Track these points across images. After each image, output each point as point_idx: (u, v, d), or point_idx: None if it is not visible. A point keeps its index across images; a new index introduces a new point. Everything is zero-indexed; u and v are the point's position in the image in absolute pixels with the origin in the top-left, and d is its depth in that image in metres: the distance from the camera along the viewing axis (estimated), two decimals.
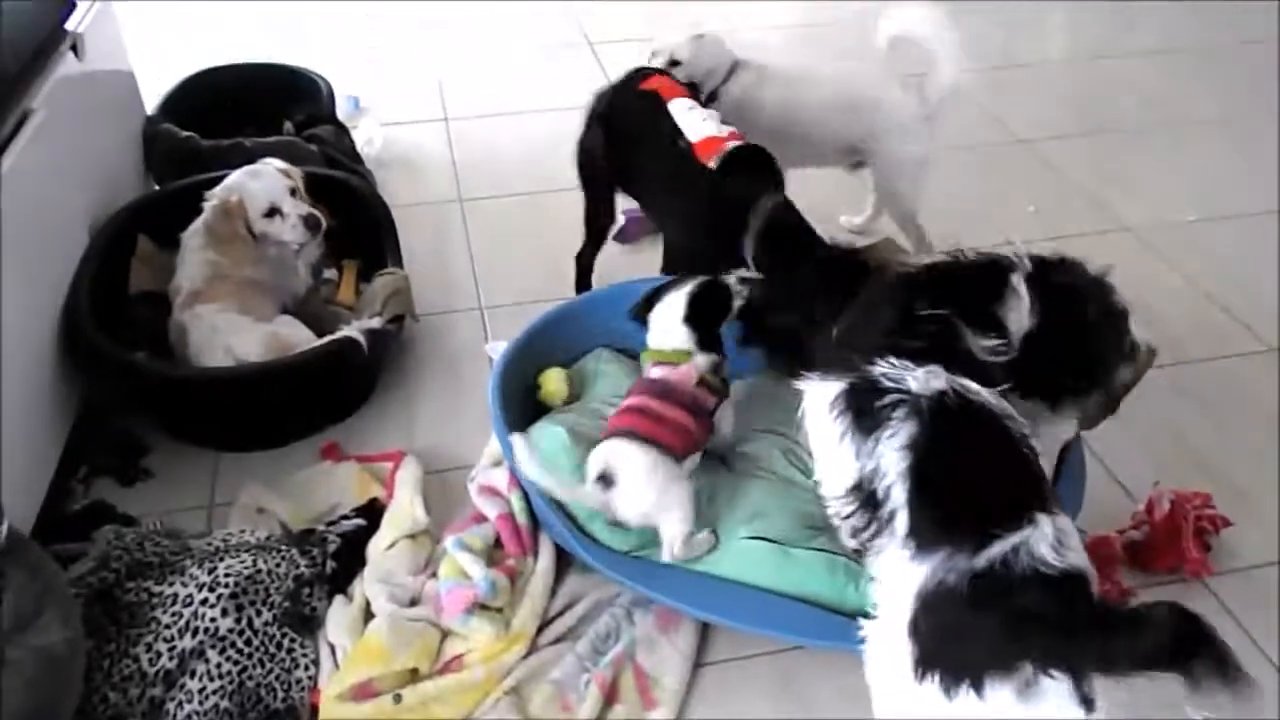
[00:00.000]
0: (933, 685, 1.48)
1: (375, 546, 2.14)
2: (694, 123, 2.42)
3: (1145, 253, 3.14)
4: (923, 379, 1.61)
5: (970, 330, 1.72)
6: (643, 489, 1.98)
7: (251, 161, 2.68)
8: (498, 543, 2.16)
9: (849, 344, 1.80)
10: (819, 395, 1.76)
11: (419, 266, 2.93)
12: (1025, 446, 1.60)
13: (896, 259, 2.43)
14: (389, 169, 3.53)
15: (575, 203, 3.33)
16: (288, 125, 3.28)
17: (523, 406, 2.38)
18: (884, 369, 1.64)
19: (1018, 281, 1.82)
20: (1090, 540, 2.10)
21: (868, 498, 1.64)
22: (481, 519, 2.20)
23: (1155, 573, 2.14)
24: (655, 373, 2.14)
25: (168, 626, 1.88)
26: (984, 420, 1.60)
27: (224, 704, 1.82)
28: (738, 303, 2.20)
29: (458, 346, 2.79)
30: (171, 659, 1.85)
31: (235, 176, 2.61)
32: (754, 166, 2.36)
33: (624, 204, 3.24)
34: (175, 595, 1.92)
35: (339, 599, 2.05)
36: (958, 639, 1.48)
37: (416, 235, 3.08)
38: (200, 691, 1.83)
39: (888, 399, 1.61)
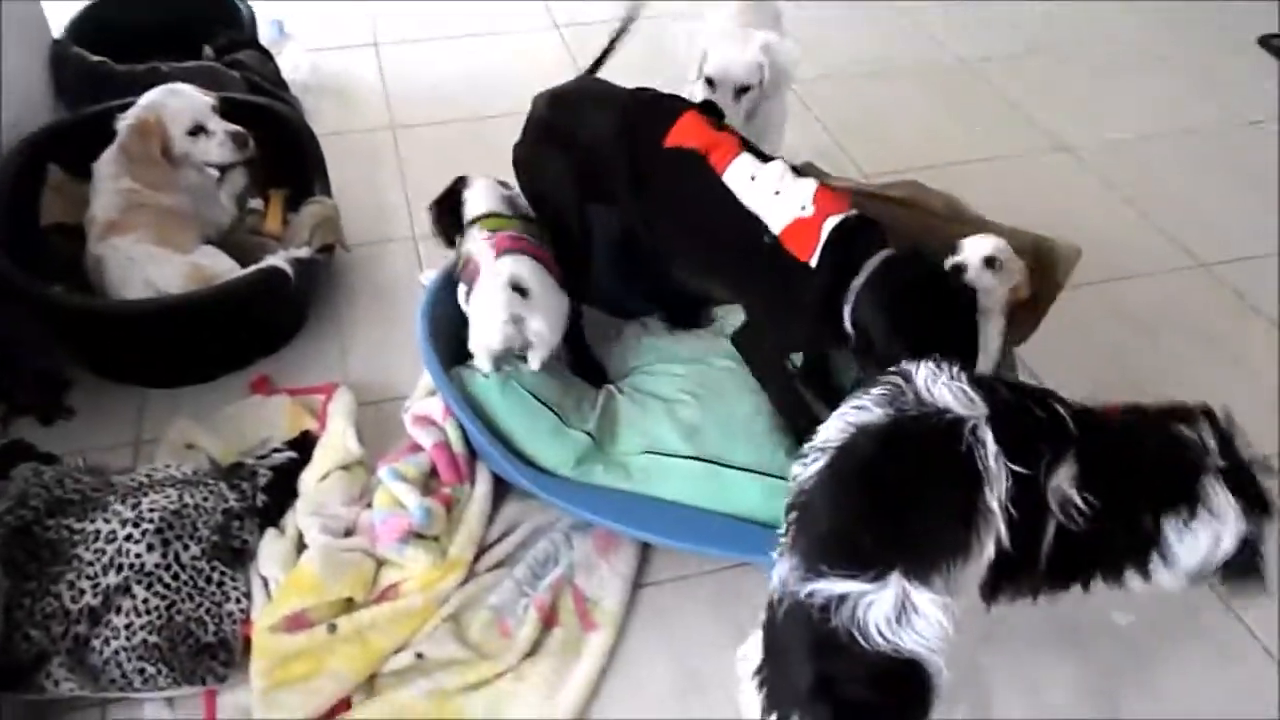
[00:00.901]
0: (760, 698, 1.41)
1: (308, 479, 2.10)
2: (769, 203, 1.89)
3: (1082, 172, 3.15)
4: (933, 383, 1.41)
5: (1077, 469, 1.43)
6: (553, 298, 2.06)
7: None
8: (434, 472, 2.13)
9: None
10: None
11: (350, 195, 2.85)
12: (977, 514, 1.35)
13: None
14: (317, 96, 3.41)
15: (511, 128, 3.26)
16: (207, 50, 3.15)
17: (457, 337, 2.33)
18: (922, 369, 1.45)
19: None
20: None
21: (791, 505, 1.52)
22: (416, 449, 2.17)
23: None
24: (483, 237, 2.15)
25: (90, 563, 1.83)
26: (955, 460, 1.36)
27: (152, 638, 1.78)
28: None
29: (391, 276, 2.73)
30: (95, 595, 1.80)
31: (152, 94, 2.49)
32: (857, 238, 1.86)
33: None
34: (98, 531, 1.87)
35: (271, 532, 2.02)
36: (778, 661, 1.39)
37: (347, 164, 2.99)
38: (127, 627, 1.79)
39: (886, 378, 1.46)
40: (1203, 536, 1.44)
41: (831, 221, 1.84)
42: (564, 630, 1.92)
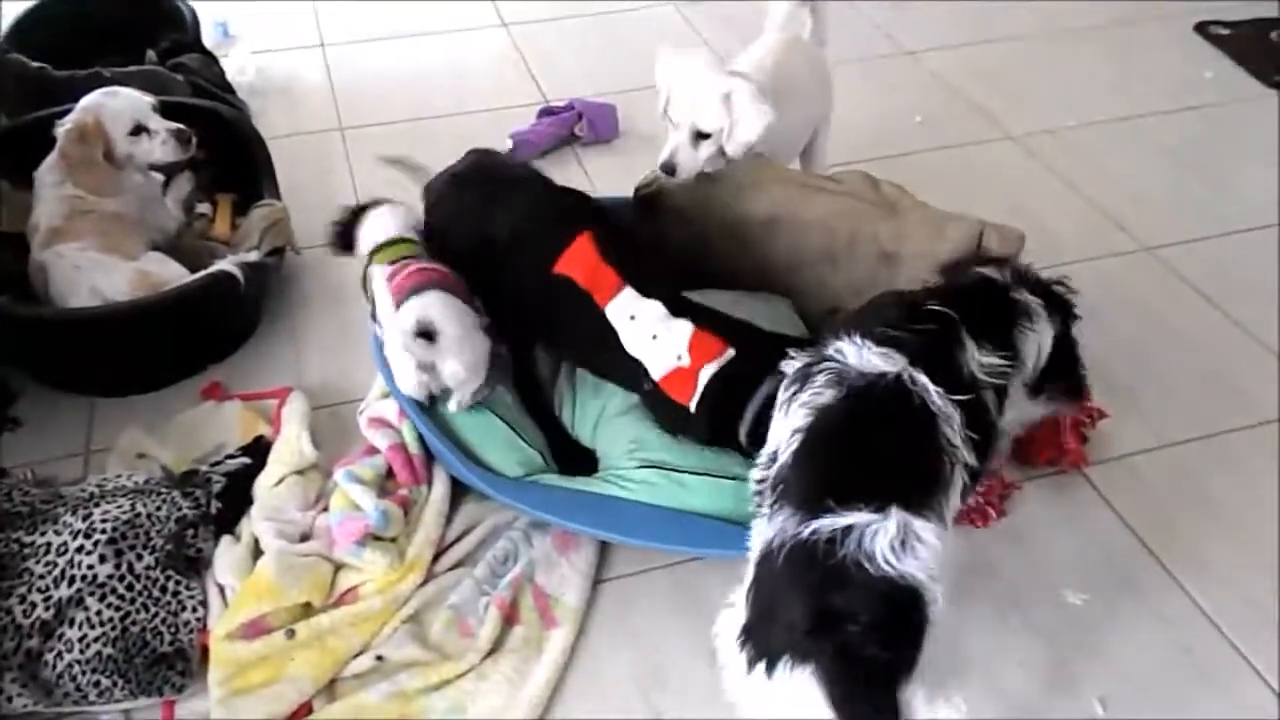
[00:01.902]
0: (743, 656, 1.41)
1: (262, 484, 2.09)
2: (647, 348, 1.94)
3: (1028, 159, 3.20)
4: (864, 357, 1.52)
5: (974, 342, 1.60)
6: (468, 334, 1.98)
7: None
8: (390, 473, 2.12)
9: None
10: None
11: (301, 198, 2.83)
12: (948, 442, 1.49)
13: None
14: (264, 98, 3.38)
15: (460, 127, 3.27)
16: (150, 54, 3.11)
17: None
18: (844, 345, 1.55)
19: (1033, 306, 1.74)
20: None
21: (771, 460, 1.55)
22: (373, 451, 2.16)
23: (1036, 466, 2.21)
24: (389, 269, 2.06)
25: (41, 576, 1.81)
26: (911, 410, 1.49)
27: (107, 650, 1.76)
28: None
29: (343, 279, 2.69)
30: (48, 609, 1.78)
31: (90, 98, 2.46)
32: (736, 384, 1.90)
33: (509, 126, 3.19)
34: (49, 544, 1.85)
35: (226, 539, 2.00)
36: (768, 614, 1.40)
37: (297, 166, 2.97)
38: (81, 640, 1.77)
39: (821, 366, 1.54)
40: (1031, 341, 1.71)
41: (708, 371, 1.90)
42: (525, 628, 1.92)
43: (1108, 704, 1.83)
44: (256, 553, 1.97)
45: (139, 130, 2.43)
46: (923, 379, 1.50)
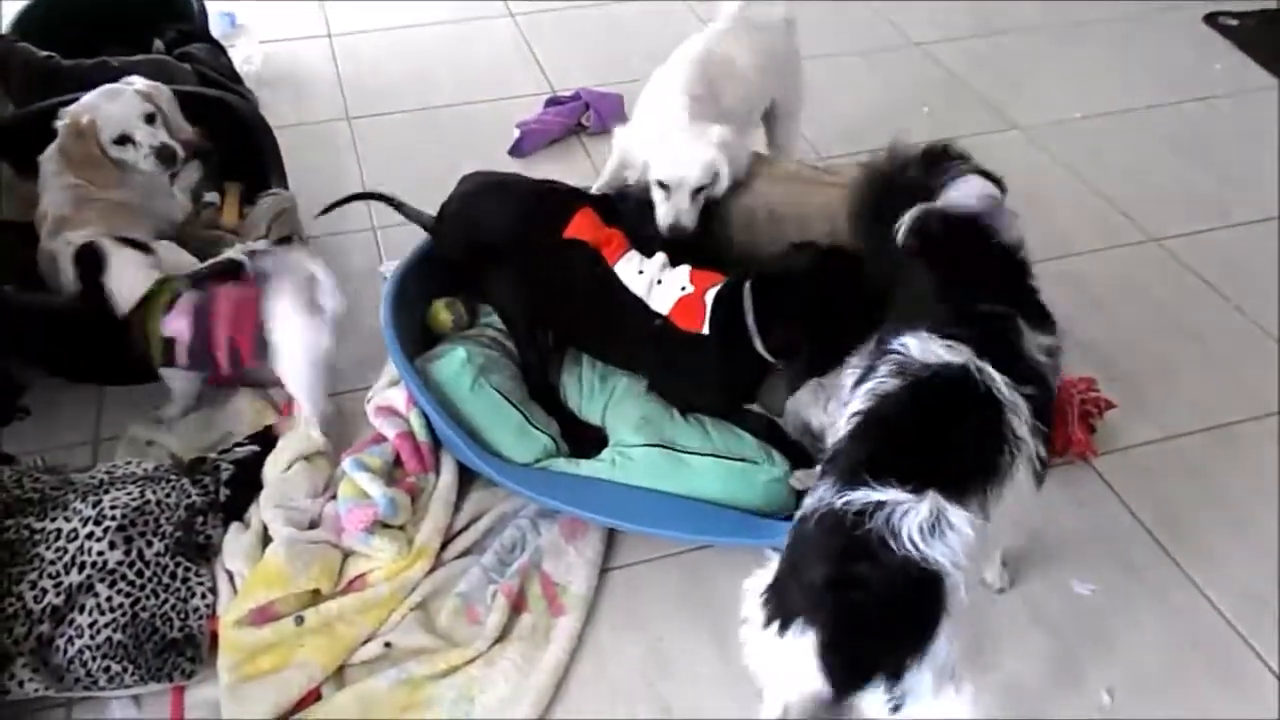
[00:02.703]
0: (762, 613, 1.43)
1: (272, 470, 2.09)
2: (654, 291, 2.10)
3: (1035, 150, 3.19)
4: (925, 348, 1.54)
5: (1029, 328, 1.63)
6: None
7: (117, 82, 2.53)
8: (398, 461, 2.13)
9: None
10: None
11: (308, 187, 2.82)
12: (1006, 442, 1.49)
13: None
14: (272, 88, 3.38)
15: (466, 117, 3.28)
16: (157, 43, 3.10)
17: (419, 327, 2.33)
18: (907, 339, 1.57)
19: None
20: None
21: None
22: (380, 439, 2.17)
23: None
24: (186, 302, 2.14)
25: (52, 563, 1.82)
26: (975, 399, 1.50)
27: (117, 636, 1.77)
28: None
29: (351, 268, 2.71)
30: (58, 595, 1.79)
31: (91, 96, 2.44)
32: (736, 298, 2.06)
33: (516, 116, 3.19)
34: (59, 530, 1.85)
35: (235, 526, 2.01)
36: (792, 574, 1.42)
37: (305, 156, 2.97)
38: (91, 626, 1.78)
39: (885, 359, 1.57)
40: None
41: (712, 293, 2.06)
42: (532, 616, 1.93)
43: (1114, 694, 1.83)
44: (265, 540, 1.98)
45: (124, 140, 2.43)
46: (989, 370, 1.52)
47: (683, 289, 2.08)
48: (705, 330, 2.06)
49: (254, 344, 2.09)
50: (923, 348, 1.54)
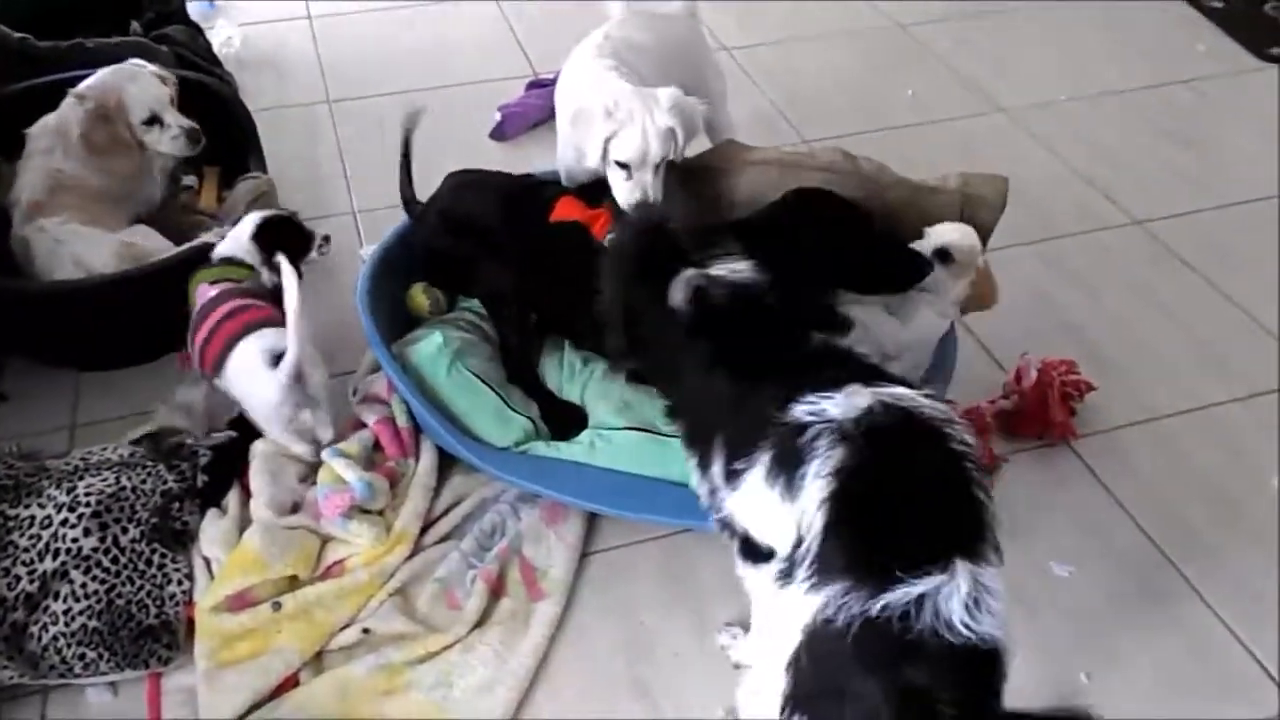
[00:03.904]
0: None
1: (265, 447, 2.06)
2: None
3: (1018, 132, 3.18)
4: (843, 402, 1.40)
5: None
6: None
7: (96, 65, 2.49)
8: (378, 446, 2.12)
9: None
10: (755, 482, 1.49)
11: (288, 171, 2.81)
12: (968, 463, 1.37)
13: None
14: (251, 70, 3.35)
15: (448, 100, 3.25)
16: (135, 25, 3.07)
17: (399, 312, 2.32)
18: (803, 407, 1.42)
19: None
20: (962, 411, 2.14)
21: (798, 544, 1.39)
22: (360, 427, 2.15)
23: (1024, 438, 2.22)
24: (211, 291, 2.10)
25: (26, 550, 1.80)
26: (921, 434, 1.38)
27: (92, 623, 1.76)
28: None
29: (331, 252, 2.68)
30: (32, 582, 1.78)
31: (105, 76, 2.42)
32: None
33: (497, 98, 3.17)
34: (33, 517, 1.84)
35: (212, 512, 1.99)
36: (833, 692, 1.28)
37: (284, 139, 2.95)
38: (66, 613, 1.76)
39: (809, 433, 1.39)
40: None
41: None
42: (512, 600, 1.92)
43: (1093, 675, 1.84)
44: (243, 526, 1.97)
45: (154, 120, 2.41)
46: (910, 396, 1.41)
47: None
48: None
49: (215, 362, 2.03)
50: (844, 403, 1.40)
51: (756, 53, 3.47)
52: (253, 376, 1.97)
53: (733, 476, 1.51)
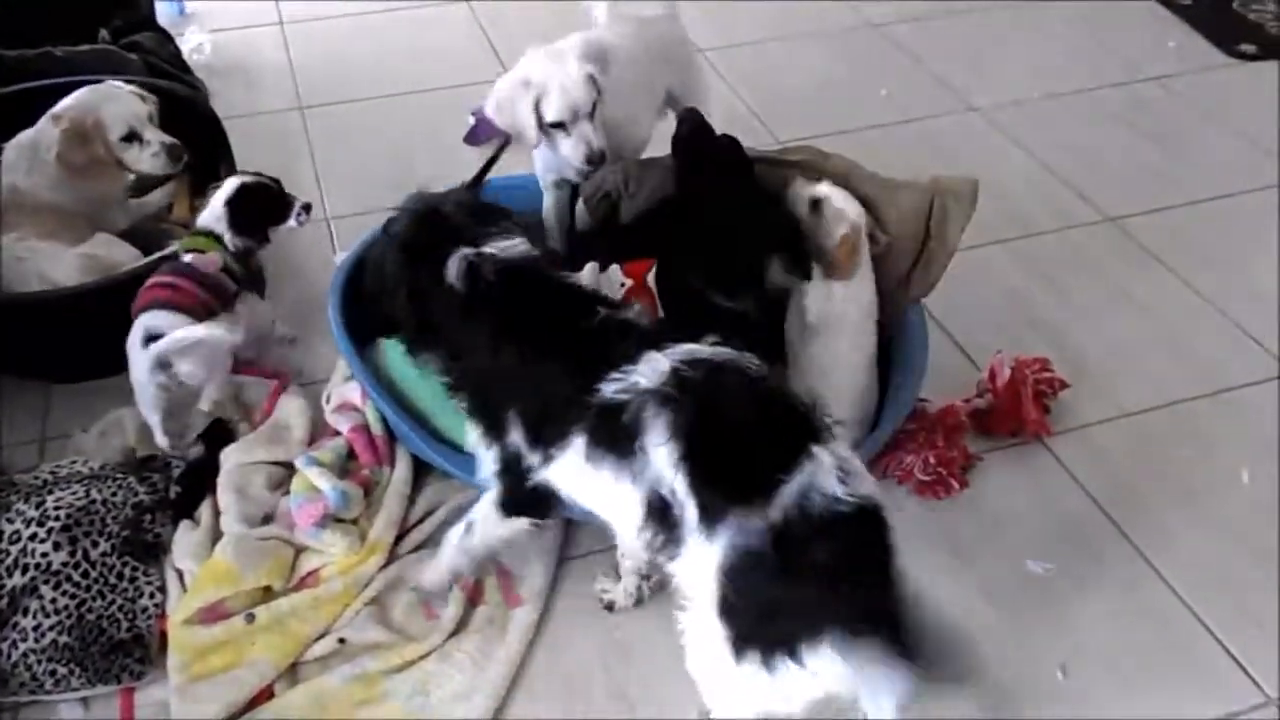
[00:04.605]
0: (753, 663, 1.40)
1: (235, 458, 2.06)
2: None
3: (991, 131, 3.20)
4: (648, 371, 1.47)
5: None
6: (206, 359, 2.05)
7: (66, 73, 2.47)
8: (352, 454, 2.11)
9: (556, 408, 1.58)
10: (575, 461, 1.55)
11: None
12: (772, 385, 1.51)
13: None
14: (222, 77, 3.33)
15: (421, 105, 3.24)
16: (103, 33, 3.04)
17: (372, 317, 2.30)
18: (611, 385, 1.48)
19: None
20: (937, 410, 2.17)
21: (661, 512, 1.46)
22: (335, 435, 2.14)
23: (998, 437, 2.22)
24: (186, 258, 2.15)
25: None
26: (725, 373, 1.48)
27: (63, 639, 1.75)
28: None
29: (304, 259, 2.68)
30: (1, 598, 1.76)
31: (82, 96, 2.38)
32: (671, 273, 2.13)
33: (471, 103, 3.16)
34: (1, 532, 1.82)
35: (185, 524, 1.98)
36: (771, 610, 1.38)
37: (256, 146, 2.91)
38: (35, 629, 1.75)
39: (630, 410, 1.45)
40: None
41: (650, 275, 2.10)
42: (489, 607, 1.92)
43: (1069, 671, 1.85)
44: (215, 537, 1.95)
45: (131, 138, 2.38)
46: (697, 349, 1.49)
47: (622, 285, 2.09)
48: (661, 313, 2.07)
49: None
50: (649, 371, 1.46)
51: (729, 53, 3.47)
52: (131, 351, 2.03)
53: (546, 457, 1.59)
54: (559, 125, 2.14)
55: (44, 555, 1.80)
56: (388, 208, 2.29)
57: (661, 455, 1.43)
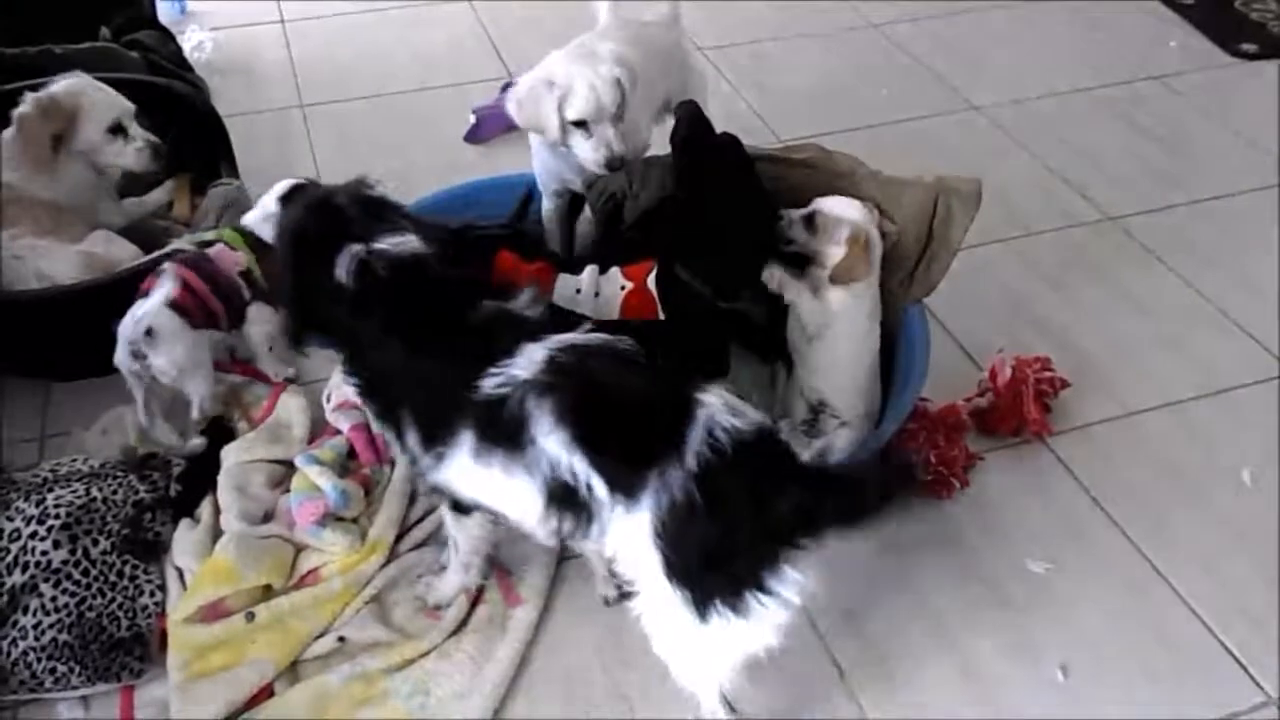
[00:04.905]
0: (721, 616, 1.41)
1: (234, 456, 2.06)
2: (598, 304, 2.14)
3: (992, 130, 3.19)
4: (525, 362, 1.47)
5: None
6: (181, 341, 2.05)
7: (65, 71, 2.46)
8: (353, 453, 2.11)
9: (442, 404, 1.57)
10: (464, 461, 1.55)
11: (261, 177, 2.73)
12: (638, 355, 1.51)
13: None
14: (223, 75, 3.33)
15: (422, 103, 3.24)
16: (104, 31, 3.04)
17: None
18: (491, 380, 1.47)
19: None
20: (938, 409, 2.16)
21: (565, 497, 1.47)
22: (335, 434, 2.14)
23: (1000, 436, 2.22)
24: (215, 249, 2.17)
25: None
26: (597, 355, 1.50)
27: (63, 637, 1.74)
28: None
29: None
30: (0, 596, 1.75)
31: (73, 81, 2.37)
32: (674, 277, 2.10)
33: (472, 101, 3.16)
34: (1, 530, 1.81)
35: (185, 522, 1.98)
36: (717, 550, 1.39)
37: (257, 144, 2.93)
38: (35, 627, 1.75)
39: (512, 402, 1.45)
40: None
41: (652, 279, 2.07)
42: (489, 606, 1.91)
43: (1069, 670, 1.84)
44: (216, 535, 1.95)
45: (117, 130, 2.37)
46: (566, 338, 1.51)
47: (623, 288, 2.08)
48: (662, 315, 2.06)
49: None
50: (526, 363, 1.47)
51: (731, 53, 3.47)
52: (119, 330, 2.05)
53: (437, 456, 1.57)
54: (581, 124, 2.12)
55: (44, 553, 1.80)
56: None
57: (553, 442, 1.43)
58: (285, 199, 2.16)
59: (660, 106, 2.51)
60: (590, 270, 2.13)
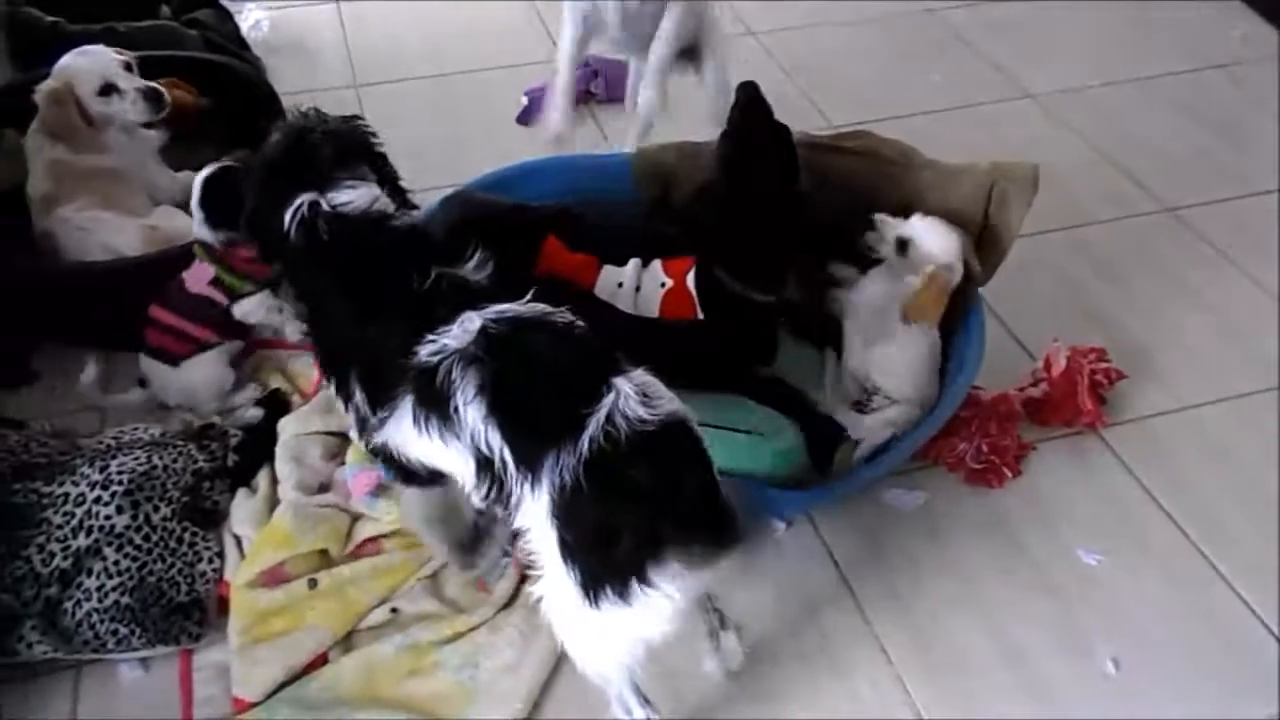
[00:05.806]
0: (609, 601, 1.39)
1: (290, 429, 2.10)
2: (639, 300, 2.14)
3: (1048, 119, 3.15)
4: (459, 332, 1.46)
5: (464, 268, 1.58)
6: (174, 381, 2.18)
7: (127, 49, 2.50)
8: None
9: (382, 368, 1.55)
10: (406, 427, 1.53)
11: None
12: (576, 330, 1.50)
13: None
14: (279, 54, 3.36)
15: (475, 85, 3.26)
16: (164, 9, 3.09)
17: None
18: (427, 348, 1.46)
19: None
20: (990, 398, 2.15)
21: (484, 464, 1.45)
22: None
23: (1052, 426, 2.20)
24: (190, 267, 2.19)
25: (60, 526, 1.82)
26: (530, 326, 1.48)
27: (125, 600, 1.78)
28: None
29: None
30: (66, 558, 1.80)
31: (62, 60, 2.40)
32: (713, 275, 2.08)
33: (527, 82, 3.17)
34: (66, 495, 1.86)
35: (242, 491, 2.02)
36: (602, 535, 1.38)
37: None
38: (99, 589, 1.79)
39: (441, 371, 1.44)
40: None
41: (691, 278, 2.05)
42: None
43: (1120, 663, 1.83)
44: (273, 504, 1.99)
45: (108, 90, 2.38)
46: (508, 308, 1.49)
47: (663, 285, 2.07)
48: (700, 315, 2.05)
49: None
50: (460, 333, 1.45)
51: (783, 37, 3.45)
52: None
53: (381, 421, 1.56)
54: None
55: (107, 518, 1.84)
56: (441, 186, 2.39)
57: (471, 413, 1.43)
58: (204, 196, 2.14)
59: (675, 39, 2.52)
60: (634, 264, 2.11)
